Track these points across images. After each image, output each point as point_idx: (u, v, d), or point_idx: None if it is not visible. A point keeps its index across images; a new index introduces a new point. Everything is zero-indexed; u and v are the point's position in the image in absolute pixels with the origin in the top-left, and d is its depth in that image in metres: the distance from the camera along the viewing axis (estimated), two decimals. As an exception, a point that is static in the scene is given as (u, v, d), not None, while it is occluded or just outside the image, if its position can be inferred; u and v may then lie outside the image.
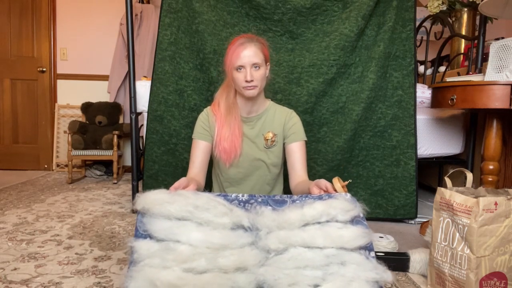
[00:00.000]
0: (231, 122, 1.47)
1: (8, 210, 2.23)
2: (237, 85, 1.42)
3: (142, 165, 2.27)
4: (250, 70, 1.38)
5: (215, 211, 1.09)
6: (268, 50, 1.48)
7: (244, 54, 1.38)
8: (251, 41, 1.41)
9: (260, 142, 1.51)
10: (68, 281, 1.31)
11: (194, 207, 1.09)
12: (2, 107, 3.73)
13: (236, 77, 1.41)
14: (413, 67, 2.04)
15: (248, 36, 1.44)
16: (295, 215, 1.08)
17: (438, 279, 1.24)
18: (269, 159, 1.50)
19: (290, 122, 1.51)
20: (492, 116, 1.67)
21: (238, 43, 1.41)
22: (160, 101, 2.10)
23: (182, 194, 1.12)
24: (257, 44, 1.42)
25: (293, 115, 1.54)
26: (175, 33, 2.09)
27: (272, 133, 1.51)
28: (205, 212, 1.09)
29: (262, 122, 1.52)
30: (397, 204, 2.09)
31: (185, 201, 1.10)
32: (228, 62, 1.42)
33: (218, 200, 1.13)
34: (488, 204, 1.11)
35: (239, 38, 1.43)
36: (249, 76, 1.37)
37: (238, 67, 1.39)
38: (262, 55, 1.42)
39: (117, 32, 3.61)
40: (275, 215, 1.09)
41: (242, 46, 1.39)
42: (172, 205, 1.09)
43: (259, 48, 1.41)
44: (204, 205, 1.10)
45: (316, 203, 1.09)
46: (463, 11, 2.64)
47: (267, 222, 1.09)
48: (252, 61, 1.38)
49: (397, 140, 2.06)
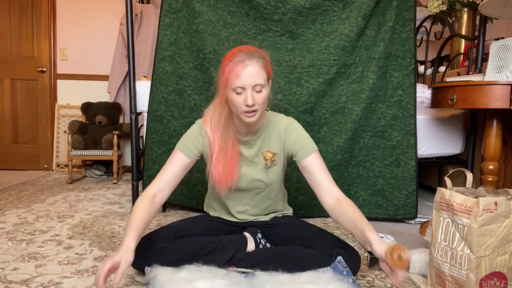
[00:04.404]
0: (227, 149, 1.30)
1: (8, 210, 2.23)
2: (235, 108, 1.24)
3: (142, 165, 2.27)
4: (251, 92, 1.19)
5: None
6: (270, 65, 1.29)
7: (245, 73, 1.17)
8: (252, 57, 1.20)
9: (260, 162, 1.38)
10: (68, 281, 1.31)
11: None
12: (2, 107, 3.73)
13: (234, 99, 1.21)
14: (413, 67, 2.04)
15: (248, 50, 1.22)
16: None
17: (438, 279, 1.24)
18: (269, 179, 1.40)
19: (291, 138, 1.36)
20: (492, 116, 1.67)
21: (238, 60, 1.19)
22: (160, 101, 2.10)
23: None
24: (259, 60, 1.21)
25: (291, 128, 1.37)
26: (175, 33, 2.08)
27: (271, 153, 1.37)
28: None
29: (261, 141, 1.37)
30: (397, 204, 2.09)
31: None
32: (224, 80, 1.21)
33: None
34: (488, 204, 1.11)
35: (237, 53, 1.21)
36: (250, 100, 1.18)
37: (237, 88, 1.19)
38: (265, 74, 1.22)
39: (117, 32, 3.61)
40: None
41: (242, 64, 1.18)
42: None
43: (261, 66, 1.21)
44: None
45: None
46: (463, 11, 2.64)
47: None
48: (254, 82, 1.19)
49: (397, 140, 2.06)
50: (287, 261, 1.28)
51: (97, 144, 3.33)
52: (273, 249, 1.44)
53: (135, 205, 1.23)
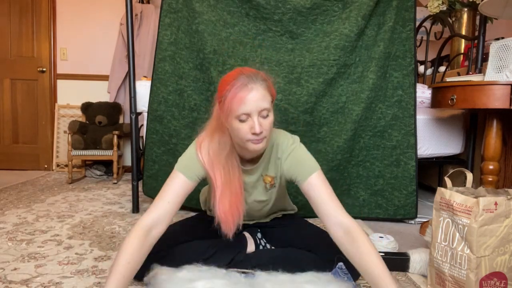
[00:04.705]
0: (232, 183, 1.18)
1: (8, 210, 2.23)
2: (239, 138, 1.12)
3: (142, 165, 2.27)
4: (257, 119, 1.07)
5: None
6: (271, 82, 1.16)
7: (250, 98, 1.06)
8: (256, 80, 1.08)
9: (261, 185, 1.32)
10: (68, 281, 1.31)
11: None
12: (2, 107, 3.73)
13: (239, 128, 1.09)
14: (413, 67, 2.04)
15: (250, 72, 1.10)
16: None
17: (438, 279, 1.24)
18: (271, 197, 1.36)
19: (287, 164, 1.23)
20: (492, 116, 1.67)
21: (240, 84, 1.07)
22: (160, 101, 2.10)
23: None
24: (263, 83, 1.10)
25: (287, 154, 1.24)
26: (175, 33, 2.09)
27: (270, 177, 1.29)
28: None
29: (262, 166, 1.29)
30: (397, 204, 2.09)
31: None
32: (226, 108, 1.08)
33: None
34: (488, 204, 1.11)
35: (238, 76, 1.09)
36: (258, 128, 1.07)
37: (241, 115, 1.07)
38: (270, 97, 1.12)
39: (117, 32, 3.61)
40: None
41: (246, 88, 1.06)
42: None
43: (266, 88, 1.10)
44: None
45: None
46: (463, 11, 2.64)
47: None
48: (260, 107, 1.07)
49: (397, 140, 2.06)
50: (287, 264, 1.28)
51: (97, 144, 3.33)
52: (273, 252, 1.44)
53: (125, 242, 1.07)
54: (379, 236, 1.64)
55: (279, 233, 1.47)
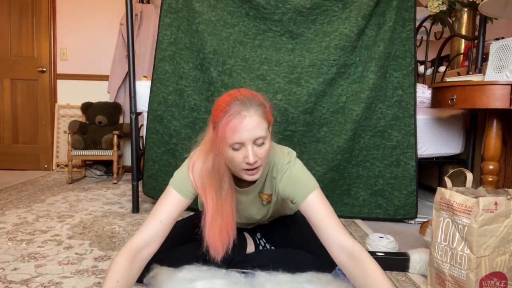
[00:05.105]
0: (224, 208, 1.13)
1: (8, 210, 2.23)
2: (233, 166, 1.08)
3: (142, 165, 2.27)
4: (252, 148, 1.02)
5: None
6: (269, 108, 1.09)
7: (244, 127, 0.99)
8: (250, 106, 1.01)
9: (258, 201, 1.30)
10: (68, 281, 1.31)
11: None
12: (2, 107, 3.73)
13: (233, 157, 1.04)
14: (413, 67, 2.04)
15: (244, 97, 1.03)
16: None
17: (438, 279, 1.24)
18: (270, 211, 1.35)
19: (282, 184, 1.19)
20: (492, 116, 1.67)
21: (233, 112, 1.00)
22: (160, 101, 2.10)
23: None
24: (258, 109, 1.03)
25: (282, 173, 1.19)
26: (175, 33, 2.09)
27: (266, 195, 1.27)
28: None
29: (259, 187, 1.26)
30: (397, 204, 2.09)
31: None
32: (219, 136, 1.02)
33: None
34: (488, 204, 1.11)
35: (231, 102, 1.02)
36: (252, 158, 1.01)
37: (234, 144, 1.02)
38: (266, 123, 1.05)
39: (117, 32, 3.61)
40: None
41: (239, 116, 1.00)
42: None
43: (261, 115, 1.03)
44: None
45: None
46: (463, 11, 2.64)
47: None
48: (255, 136, 1.01)
49: (397, 140, 2.06)
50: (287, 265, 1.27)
51: (97, 144, 3.33)
52: (272, 252, 1.43)
53: (113, 261, 1.03)
54: (379, 236, 1.64)
55: (278, 233, 1.47)
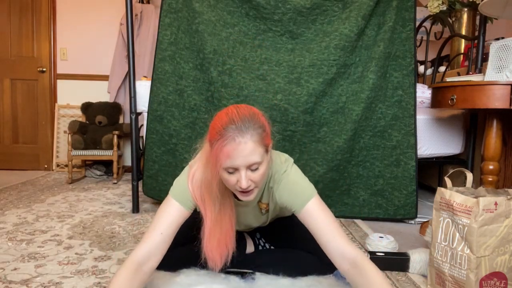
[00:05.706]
0: (223, 222, 1.12)
1: (8, 210, 2.23)
2: (228, 186, 1.06)
3: (142, 165, 2.27)
4: (245, 173, 0.99)
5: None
6: (269, 129, 1.06)
7: (238, 153, 0.96)
8: (246, 132, 0.97)
9: (256, 209, 1.29)
10: (68, 281, 1.31)
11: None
12: (2, 107, 3.73)
13: (227, 179, 1.03)
14: (413, 67, 2.04)
15: (241, 121, 0.98)
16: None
17: (438, 279, 1.24)
18: (269, 218, 1.34)
19: (278, 193, 1.16)
20: (492, 116, 1.67)
21: (229, 137, 0.96)
22: (160, 101, 2.10)
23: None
24: (254, 134, 0.98)
25: (278, 183, 1.16)
26: (175, 33, 2.09)
27: (264, 204, 1.26)
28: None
29: (257, 198, 1.24)
30: (397, 204, 2.09)
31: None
32: (213, 157, 0.99)
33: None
34: (488, 204, 1.11)
35: (227, 125, 0.97)
36: (245, 183, 0.99)
37: (228, 168, 1.00)
38: (262, 148, 1.01)
39: (117, 32, 3.61)
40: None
41: (233, 143, 0.96)
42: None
43: (257, 140, 0.98)
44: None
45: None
46: (463, 11, 2.64)
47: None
48: (248, 162, 0.98)
49: (397, 140, 2.06)
50: (288, 266, 1.27)
51: (97, 144, 3.33)
52: (272, 252, 1.43)
53: (115, 274, 1.02)
54: (379, 236, 1.64)
55: (278, 233, 1.46)
